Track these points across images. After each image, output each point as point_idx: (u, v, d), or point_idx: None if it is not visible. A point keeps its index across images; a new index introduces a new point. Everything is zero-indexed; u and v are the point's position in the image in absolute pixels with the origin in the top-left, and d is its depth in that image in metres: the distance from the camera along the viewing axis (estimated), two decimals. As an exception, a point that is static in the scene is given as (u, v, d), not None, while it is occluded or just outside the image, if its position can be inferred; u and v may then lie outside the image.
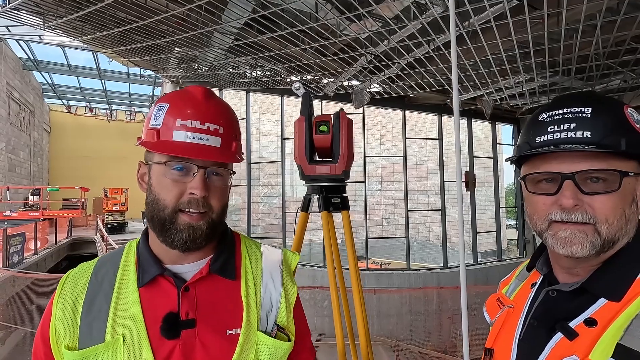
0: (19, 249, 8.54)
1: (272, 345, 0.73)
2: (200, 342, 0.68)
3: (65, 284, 0.72)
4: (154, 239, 0.74)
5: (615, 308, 0.58)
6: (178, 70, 8.23)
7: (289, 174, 9.96)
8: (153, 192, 0.70)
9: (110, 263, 0.75)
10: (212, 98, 0.74)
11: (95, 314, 0.68)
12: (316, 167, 1.24)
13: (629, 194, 0.61)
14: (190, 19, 5.20)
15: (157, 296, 0.70)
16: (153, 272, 0.71)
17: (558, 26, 4.72)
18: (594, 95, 0.66)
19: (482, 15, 4.59)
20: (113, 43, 6.58)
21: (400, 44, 5.53)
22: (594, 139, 0.59)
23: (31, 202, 14.60)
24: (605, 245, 0.60)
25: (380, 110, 12.43)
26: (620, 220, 0.59)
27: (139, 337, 0.66)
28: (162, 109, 0.71)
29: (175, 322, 0.68)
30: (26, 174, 16.80)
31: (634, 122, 0.61)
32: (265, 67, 7.12)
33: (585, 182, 0.60)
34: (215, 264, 0.74)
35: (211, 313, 0.71)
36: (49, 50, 18.16)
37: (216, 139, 0.71)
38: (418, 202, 13.22)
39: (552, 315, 0.65)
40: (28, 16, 6.08)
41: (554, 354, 0.60)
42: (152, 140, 0.69)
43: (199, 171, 0.69)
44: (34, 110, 17.64)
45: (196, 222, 0.69)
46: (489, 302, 0.85)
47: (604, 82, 7.05)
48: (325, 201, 1.26)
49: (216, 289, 0.73)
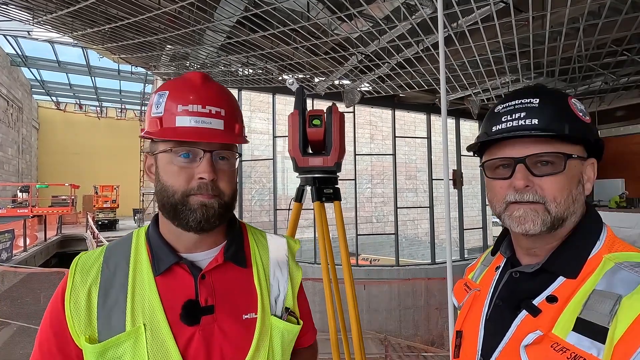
0: (8, 246, 8.45)
1: (284, 329, 0.76)
2: (219, 328, 0.70)
3: (75, 275, 0.70)
4: (166, 226, 0.74)
5: (573, 285, 0.62)
6: (170, 68, 8.22)
7: (280, 171, 10.02)
8: (161, 181, 0.70)
9: (120, 252, 0.74)
10: (211, 82, 0.74)
11: (112, 304, 0.68)
12: (309, 159, 1.31)
13: (575, 176, 0.66)
14: (182, 16, 5.23)
15: (173, 284, 0.71)
16: (169, 261, 0.71)
17: (543, 29, 4.87)
18: (542, 88, 0.71)
19: (469, 17, 4.71)
20: (104, 39, 6.56)
21: (390, 44, 5.63)
22: (541, 125, 0.65)
23: (20, 199, 14.40)
24: (555, 222, 0.65)
25: (371, 109, 12.54)
26: (567, 199, 0.65)
27: (159, 324, 0.67)
28: (162, 97, 0.70)
29: (195, 308, 0.69)
30: (14, 171, 16.56)
31: (577, 110, 0.67)
32: (257, 66, 7.17)
33: (536, 166, 0.65)
34: (228, 252, 0.75)
35: (227, 299, 0.73)
36: (38, 46, 17.91)
37: (219, 122, 0.71)
38: (407, 200, 13.38)
39: (516, 295, 0.68)
40: (17, 11, 6.04)
41: (519, 331, 0.63)
42: (156, 128, 0.69)
43: (205, 155, 0.68)
44: (22, 107, 17.38)
45: (208, 201, 0.69)
46: (457, 287, 0.88)
47: (586, 83, 7.25)
48: (318, 192, 1.33)
49: (230, 276, 0.75)
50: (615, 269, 0.60)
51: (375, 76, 7.04)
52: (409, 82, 7.18)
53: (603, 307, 0.56)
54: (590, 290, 0.59)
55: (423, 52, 5.76)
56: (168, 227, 0.74)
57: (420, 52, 5.73)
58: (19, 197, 14.64)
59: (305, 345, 0.90)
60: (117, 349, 0.66)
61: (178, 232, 0.73)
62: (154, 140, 0.72)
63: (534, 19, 4.64)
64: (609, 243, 0.66)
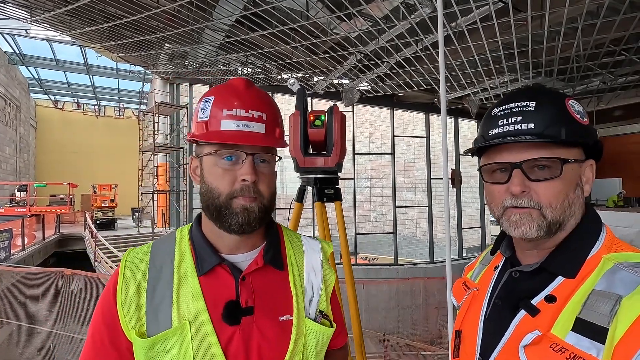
0: (6, 245, 8.42)
1: (318, 331, 0.78)
2: (257, 328, 0.72)
3: (125, 272, 0.73)
4: (208, 227, 0.77)
5: (571, 285, 0.62)
6: (168, 67, 8.21)
7: (279, 171, 10.02)
8: (206, 182, 0.73)
9: (165, 250, 0.77)
10: (253, 87, 0.77)
11: (159, 300, 0.71)
12: (310, 160, 1.31)
13: (573, 180, 0.65)
14: (181, 15, 5.22)
15: (216, 284, 0.73)
16: (212, 262, 0.74)
17: (541, 28, 4.88)
18: (539, 90, 0.70)
19: (468, 17, 4.72)
20: (102, 38, 6.54)
21: (389, 44, 5.63)
22: (537, 130, 0.64)
23: (18, 198, 14.34)
24: (551, 226, 0.64)
25: (370, 109, 12.54)
26: (563, 204, 0.64)
27: (202, 322, 0.69)
28: (208, 102, 0.74)
29: (237, 309, 0.71)
30: (12, 170, 16.49)
31: (574, 112, 0.66)
32: (256, 65, 7.16)
33: (532, 170, 0.65)
34: (267, 255, 0.77)
35: (266, 301, 0.75)
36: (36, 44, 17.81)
37: (261, 126, 0.73)
38: (405, 199, 13.39)
39: (515, 294, 0.68)
40: (14, 9, 6.02)
41: (518, 330, 0.63)
42: (202, 132, 0.72)
43: (247, 158, 0.71)
44: (19, 106, 17.31)
45: (249, 204, 0.71)
46: (455, 286, 0.88)
47: (584, 83, 7.27)
48: (319, 192, 1.33)
49: (268, 279, 0.77)
50: (615, 269, 0.60)
51: (374, 75, 7.04)
52: (408, 81, 7.19)
53: (603, 307, 0.56)
54: (589, 290, 0.59)
55: (422, 52, 5.77)
56: (211, 228, 0.76)
57: (419, 51, 5.73)
58: (17, 196, 14.58)
59: (338, 347, 0.91)
60: (165, 344, 0.68)
61: (220, 234, 0.75)
62: (199, 144, 0.76)
63: (532, 18, 4.65)
64: (608, 243, 0.66)
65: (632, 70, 6.50)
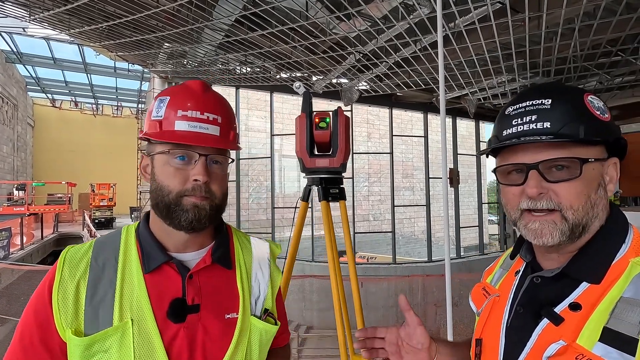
0: (5, 244, 8.43)
1: (263, 328, 0.80)
2: (202, 325, 0.73)
3: (64, 269, 0.71)
4: (157, 225, 0.77)
5: (597, 291, 0.58)
6: (167, 66, 8.20)
7: (277, 170, 10.04)
8: (157, 180, 0.74)
9: (109, 248, 0.76)
10: (210, 90, 0.79)
11: (100, 298, 0.70)
12: (316, 160, 1.35)
13: (594, 180, 0.62)
14: (180, 14, 5.23)
15: (162, 282, 0.73)
16: (159, 259, 0.74)
17: (539, 29, 4.92)
18: (555, 86, 0.67)
19: (467, 17, 4.74)
20: (101, 37, 6.53)
21: (388, 43, 5.66)
22: (553, 129, 0.61)
23: (16, 197, 14.31)
24: (574, 229, 0.61)
25: (368, 108, 12.58)
26: (585, 205, 0.61)
27: (146, 320, 0.69)
28: (163, 102, 0.75)
29: (182, 307, 0.72)
30: (9, 169, 16.45)
31: (593, 109, 0.62)
32: (255, 64, 7.17)
33: (550, 171, 0.62)
34: (215, 254, 0.79)
35: (212, 299, 0.76)
36: (33, 43, 17.74)
37: (215, 128, 0.75)
38: (404, 198, 13.45)
39: (538, 301, 0.65)
40: (13, 8, 6.00)
41: (541, 340, 0.60)
42: (155, 131, 0.73)
43: (200, 158, 0.73)
44: (17, 104, 17.25)
45: (200, 202, 0.73)
46: (475, 291, 0.84)
47: (581, 83, 7.32)
48: (324, 191, 1.37)
49: (215, 277, 0.78)
50: None
51: (372, 75, 7.07)
52: (407, 81, 7.21)
53: (632, 316, 0.52)
54: (617, 297, 0.56)
55: (420, 52, 5.80)
56: (159, 226, 0.77)
57: (417, 51, 5.76)
58: (15, 195, 14.55)
59: (281, 345, 0.95)
60: (104, 343, 0.68)
61: (169, 231, 0.76)
62: (151, 142, 0.76)
63: (530, 19, 4.69)
64: (637, 245, 0.62)
65: (628, 70, 6.55)
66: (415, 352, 0.82)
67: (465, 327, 5.18)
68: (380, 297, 7.89)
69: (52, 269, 0.73)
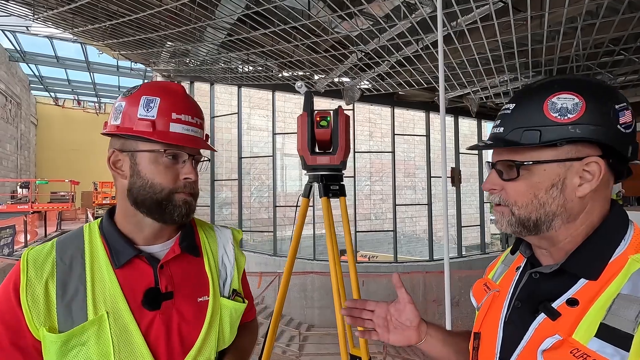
0: (9, 241, 8.49)
1: (232, 307, 0.87)
2: (177, 310, 0.78)
3: (29, 271, 0.72)
4: (126, 220, 0.81)
5: (595, 288, 0.59)
6: (169, 64, 8.23)
7: (279, 168, 10.06)
8: (144, 178, 0.77)
9: (73, 245, 0.78)
10: (188, 95, 0.85)
11: (71, 295, 0.72)
12: (317, 158, 1.39)
13: (545, 181, 0.64)
14: (183, 13, 5.25)
15: (133, 275, 0.77)
16: (129, 254, 0.77)
17: (541, 28, 4.91)
18: (526, 90, 0.69)
19: (469, 16, 4.75)
20: (104, 36, 6.56)
21: (390, 42, 5.66)
22: (503, 135, 0.67)
23: (20, 195, 14.40)
24: (524, 223, 0.65)
25: (370, 107, 12.58)
26: (530, 203, 0.64)
27: (121, 311, 0.73)
28: (153, 102, 0.77)
29: (157, 295, 0.77)
30: (13, 167, 16.54)
31: (551, 113, 0.63)
32: (257, 63, 7.19)
33: (506, 170, 0.68)
34: (183, 244, 0.84)
35: (184, 285, 0.82)
36: (36, 41, 17.81)
37: (200, 131, 0.83)
38: (405, 197, 13.45)
39: (536, 296, 0.66)
40: (17, 7, 6.03)
41: (537, 334, 0.61)
42: (148, 130, 0.76)
43: (189, 159, 0.80)
44: (20, 103, 17.33)
45: (189, 198, 0.81)
46: (476, 287, 0.86)
47: (584, 82, 7.29)
48: (325, 188, 1.41)
49: (185, 265, 0.84)
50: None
51: (374, 74, 7.07)
52: (409, 80, 7.21)
53: (628, 312, 0.53)
54: (615, 294, 0.56)
55: (422, 51, 5.80)
56: (130, 220, 0.80)
57: (419, 50, 5.77)
58: (19, 193, 14.64)
59: (249, 320, 1.04)
60: (82, 336, 0.70)
61: (141, 226, 0.81)
62: (126, 138, 0.79)
63: (532, 18, 4.68)
64: (636, 242, 0.62)
65: (630, 69, 6.54)
66: (403, 329, 0.84)
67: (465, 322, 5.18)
68: (381, 295, 7.92)
69: (13, 271, 0.73)
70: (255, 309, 1.07)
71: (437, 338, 0.86)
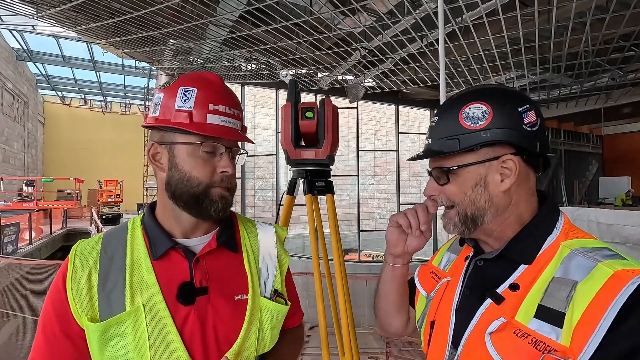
0: (14, 239, 8.54)
1: (273, 309, 0.82)
2: (212, 307, 0.76)
3: (75, 261, 0.75)
4: (165, 213, 0.80)
5: (533, 272, 0.65)
6: (173, 63, 8.23)
7: (283, 167, 10.02)
8: (181, 171, 0.75)
9: (117, 239, 0.79)
10: (225, 85, 0.82)
11: (111, 286, 0.73)
12: (302, 152, 1.30)
13: (470, 179, 0.71)
14: (185, 10, 5.22)
15: (169, 267, 0.76)
16: (165, 246, 0.77)
17: (548, 23, 4.80)
18: (446, 103, 0.78)
19: (474, 12, 4.66)
20: (107, 34, 6.56)
21: (393, 39, 5.59)
22: (430, 146, 0.76)
23: (25, 193, 14.54)
24: (464, 220, 0.72)
25: (374, 105, 12.49)
26: (464, 201, 0.72)
27: (157, 304, 0.72)
28: (190, 93, 0.76)
29: (191, 289, 0.75)
30: (20, 165, 16.71)
31: (464, 121, 0.71)
32: (260, 61, 7.15)
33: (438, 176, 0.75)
34: (221, 238, 0.81)
35: (220, 281, 0.79)
36: (43, 41, 18.00)
37: (238, 122, 0.80)
38: (411, 197, 13.34)
39: (482, 283, 0.72)
40: (21, 5, 6.05)
41: (484, 318, 0.66)
42: (185, 121, 0.74)
43: (226, 151, 0.77)
44: (27, 101, 17.50)
45: (226, 193, 0.78)
46: (422, 273, 0.93)
47: (593, 79, 7.16)
48: (309, 185, 1.33)
49: (223, 260, 0.81)
50: (571, 255, 0.63)
51: (378, 71, 7.00)
52: (413, 77, 7.13)
53: (561, 293, 0.59)
54: (550, 277, 0.62)
55: (427, 48, 5.72)
56: (169, 214, 0.80)
57: (424, 47, 5.68)
58: (25, 190, 14.78)
59: (293, 326, 0.98)
60: (119, 327, 0.70)
61: (180, 219, 0.79)
62: (167, 131, 0.77)
63: (539, 13, 4.58)
64: (566, 231, 0.69)
65: (642, 66, 6.39)
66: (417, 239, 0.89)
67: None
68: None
69: (64, 262, 0.76)
70: (302, 314, 1.00)
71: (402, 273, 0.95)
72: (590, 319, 0.54)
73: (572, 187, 12.48)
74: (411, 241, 0.90)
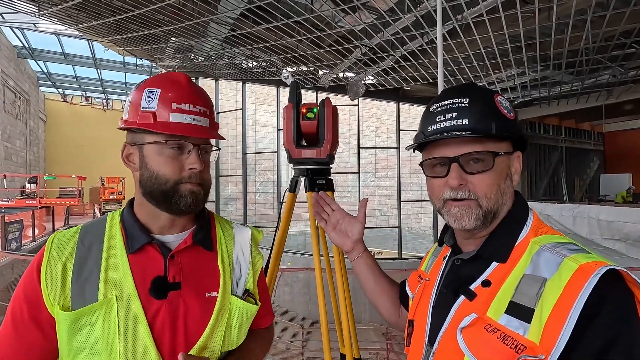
0: (17, 236, 8.60)
1: (242, 307, 0.84)
2: (184, 302, 0.78)
3: (52, 250, 0.76)
4: (143, 210, 0.82)
5: (504, 269, 0.66)
6: (174, 60, 8.24)
7: (284, 164, 10.04)
8: (150, 169, 0.77)
9: (95, 231, 0.81)
10: (193, 83, 0.83)
11: (86, 277, 0.74)
12: (303, 151, 1.34)
13: (503, 171, 0.70)
14: (186, 8, 5.23)
15: (145, 262, 0.78)
16: (142, 240, 0.79)
17: (549, 21, 4.80)
18: (470, 87, 0.75)
19: (475, 9, 4.66)
20: (109, 32, 6.58)
21: (394, 37, 5.59)
22: (471, 125, 0.69)
23: (28, 190, 14.60)
24: (487, 215, 0.69)
25: (375, 103, 12.50)
26: (496, 194, 0.69)
27: (130, 296, 0.74)
28: (153, 94, 0.78)
29: (164, 284, 0.77)
30: (22, 163, 16.76)
31: (502, 108, 0.71)
32: (261, 58, 7.16)
33: (469, 164, 0.70)
34: (197, 236, 0.84)
35: (193, 278, 0.81)
36: (44, 38, 17.97)
37: (205, 120, 0.81)
38: (411, 194, 13.37)
39: (458, 281, 0.72)
40: (22, 3, 6.07)
41: (458, 314, 0.67)
42: (149, 121, 0.76)
43: (194, 148, 0.78)
44: (29, 99, 17.53)
45: (196, 189, 0.79)
46: (411, 278, 0.93)
47: (594, 76, 7.15)
48: (310, 182, 1.37)
49: (197, 258, 0.83)
50: (540, 251, 0.64)
51: (379, 69, 7.01)
52: (414, 74, 7.14)
53: (531, 290, 0.60)
54: (521, 274, 0.63)
55: (427, 45, 5.72)
56: (147, 210, 0.82)
57: (424, 44, 5.69)
58: (27, 188, 14.84)
59: (263, 327, 1.00)
60: (90, 317, 0.72)
61: (156, 215, 0.81)
62: (137, 132, 0.80)
63: (540, 10, 4.58)
64: (535, 227, 0.70)
65: (643, 63, 6.38)
66: (344, 236, 1.05)
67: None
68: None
69: (40, 251, 0.78)
70: (272, 317, 1.03)
71: (366, 263, 1.02)
72: (559, 314, 0.55)
73: (573, 184, 12.48)
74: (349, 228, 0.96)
